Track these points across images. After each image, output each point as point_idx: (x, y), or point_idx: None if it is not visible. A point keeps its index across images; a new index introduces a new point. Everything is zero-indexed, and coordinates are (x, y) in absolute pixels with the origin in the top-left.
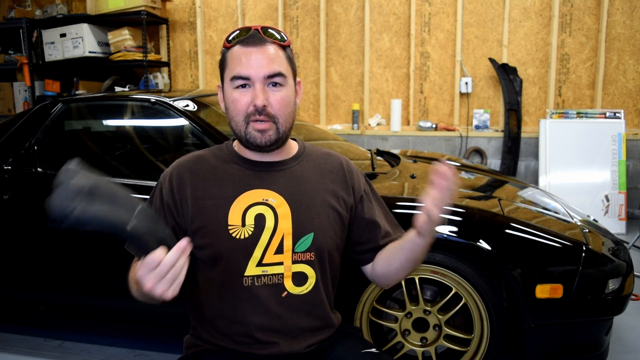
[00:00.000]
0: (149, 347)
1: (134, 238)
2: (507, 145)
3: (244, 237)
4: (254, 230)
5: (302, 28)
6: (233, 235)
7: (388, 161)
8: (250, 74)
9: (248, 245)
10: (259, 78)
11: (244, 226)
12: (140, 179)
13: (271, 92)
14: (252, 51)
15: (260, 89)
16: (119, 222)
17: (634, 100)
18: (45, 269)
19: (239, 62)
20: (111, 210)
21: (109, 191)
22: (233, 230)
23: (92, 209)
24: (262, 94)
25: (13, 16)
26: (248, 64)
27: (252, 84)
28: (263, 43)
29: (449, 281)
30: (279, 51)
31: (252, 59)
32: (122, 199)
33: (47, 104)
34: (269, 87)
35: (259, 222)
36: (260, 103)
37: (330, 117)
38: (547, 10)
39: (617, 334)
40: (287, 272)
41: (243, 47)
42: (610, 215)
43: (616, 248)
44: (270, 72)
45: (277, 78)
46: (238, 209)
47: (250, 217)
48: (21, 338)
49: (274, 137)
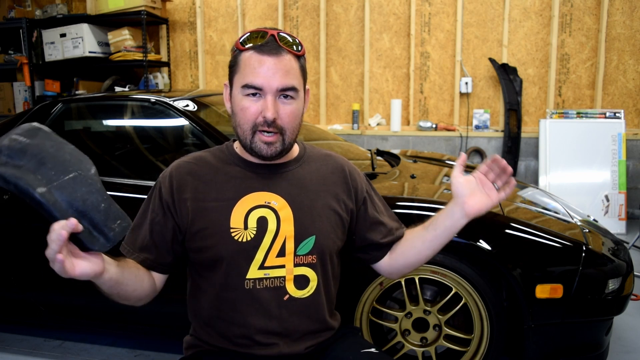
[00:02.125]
0: (149, 347)
1: (41, 204)
2: (507, 145)
3: (246, 240)
4: (256, 233)
5: (302, 28)
6: (235, 238)
7: (388, 161)
8: (262, 85)
9: (250, 248)
10: (271, 90)
11: (247, 229)
12: (140, 179)
13: (282, 105)
14: (266, 60)
15: (272, 101)
16: (28, 185)
17: (634, 100)
18: (46, 269)
19: (252, 70)
20: (22, 173)
21: (43, 153)
22: (235, 233)
23: (4, 169)
24: (273, 106)
25: (13, 16)
26: (261, 74)
27: (263, 95)
28: (279, 52)
29: (449, 281)
30: (294, 62)
31: (265, 68)
32: (54, 164)
33: (47, 104)
34: (279, 99)
35: (261, 225)
36: (270, 116)
37: (330, 117)
38: (547, 10)
39: (617, 334)
40: (289, 275)
41: (257, 54)
42: (610, 215)
43: (616, 248)
44: (284, 85)
45: (289, 91)
46: (240, 211)
47: (253, 220)
48: (21, 338)
49: (279, 149)
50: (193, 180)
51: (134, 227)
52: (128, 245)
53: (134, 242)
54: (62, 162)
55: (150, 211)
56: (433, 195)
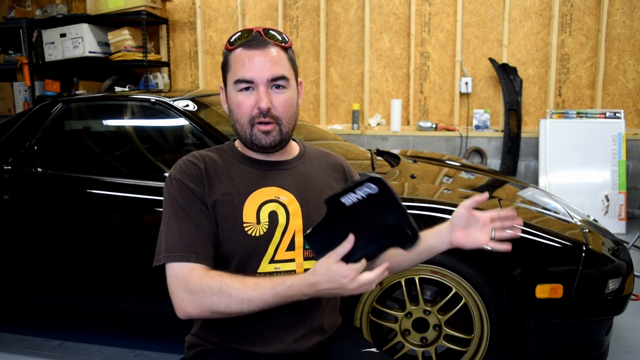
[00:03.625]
0: (149, 347)
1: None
2: (507, 145)
3: (259, 234)
4: (269, 228)
5: (302, 28)
6: (249, 233)
7: (388, 161)
8: (253, 77)
9: (263, 242)
10: (262, 81)
11: (259, 223)
12: (140, 179)
13: (274, 95)
14: (254, 54)
15: (264, 92)
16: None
17: (634, 100)
18: (45, 268)
19: (242, 65)
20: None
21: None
22: (248, 227)
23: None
24: (266, 96)
25: (13, 16)
26: (251, 67)
27: (255, 87)
28: (265, 45)
29: (449, 281)
30: (281, 53)
31: (255, 61)
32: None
33: (47, 104)
34: (272, 90)
35: (272, 219)
36: (264, 106)
37: (330, 117)
38: (547, 10)
39: (617, 334)
40: (299, 269)
41: (246, 50)
42: (610, 215)
43: (616, 248)
44: (274, 75)
45: (280, 81)
46: (252, 206)
47: (265, 214)
48: (21, 338)
49: (277, 138)
50: (200, 176)
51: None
52: (179, 251)
53: (184, 246)
54: None
55: (180, 209)
56: (433, 195)
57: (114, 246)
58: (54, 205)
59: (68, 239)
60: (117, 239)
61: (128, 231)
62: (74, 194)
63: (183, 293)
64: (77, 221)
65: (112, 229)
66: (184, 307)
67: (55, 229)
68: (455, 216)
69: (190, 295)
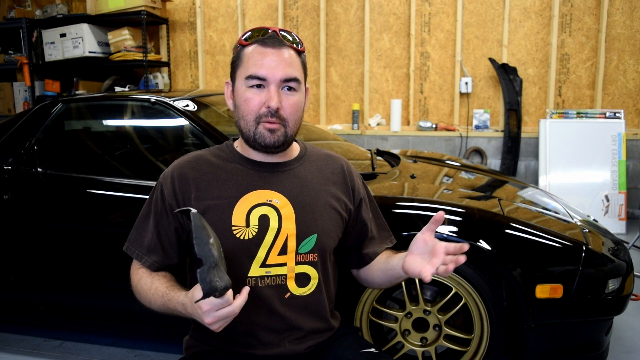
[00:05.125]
0: (149, 347)
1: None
2: (507, 145)
3: (248, 237)
4: (258, 231)
5: (302, 28)
6: (237, 236)
7: (388, 161)
8: (266, 75)
9: (252, 246)
10: (274, 80)
11: (248, 227)
12: (140, 179)
13: (285, 96)
14: (269, 52)
15: (275, 91)
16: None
17: (634, 100)
18: (45, 268)
19: (255, 62)
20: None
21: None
22: (237, 230)
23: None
24: (277, 96)
25: (13, 16)
26: (265, 65)
27: (267, 85)
28: (281, 46)
29: (448, 281)
30: (295, 56)
31: (269, 60)
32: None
33: (47, 104)
34: (282, 90)
35: (263, 223)
36: (274, 105)
37: (330, 117)
38: (547, 10)
39: (617, 334)
40: (291, 273)
41: (261, 47)
42: (610, 215)
43: (616, 248)
44: (287, 76)
45: (291, 82)
46: (242, 209)
47: (255, 217)
48: (21, 338)
49: (282, 138)
50: (194, 179)
51: (137, 228)
52: (135, 247)
53: (141, 244)
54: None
55: (153, 213)
56: (433, 195)
57: (114, 246)
58: (54, 205)
59: (68, 239)
60: (117, 239)
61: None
62: (74, 194)
63: (132, 283)
64: (77, 221)
65: (112, 229)
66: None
67: (55, 229)
68: (413, 243)
69: (134, 287)
